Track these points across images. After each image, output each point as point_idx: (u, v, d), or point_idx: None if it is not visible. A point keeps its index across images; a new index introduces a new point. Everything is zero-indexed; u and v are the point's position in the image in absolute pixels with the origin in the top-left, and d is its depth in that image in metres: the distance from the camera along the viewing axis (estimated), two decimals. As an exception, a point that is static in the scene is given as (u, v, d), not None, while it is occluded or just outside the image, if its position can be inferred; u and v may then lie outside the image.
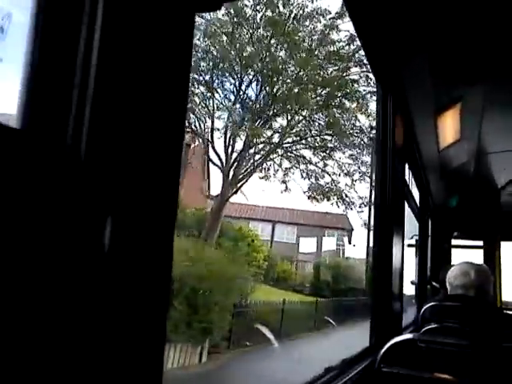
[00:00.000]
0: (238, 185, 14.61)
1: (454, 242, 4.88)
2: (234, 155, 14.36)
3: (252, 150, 14.53)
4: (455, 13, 1.78)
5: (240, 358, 9.03)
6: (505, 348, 1.75)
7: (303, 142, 14.84)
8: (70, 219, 0.48)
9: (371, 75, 12.20)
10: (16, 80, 0.45)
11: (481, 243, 5.00)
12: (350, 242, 25.58)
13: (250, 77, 14.24)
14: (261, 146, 14.52)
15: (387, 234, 2.29)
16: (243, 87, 14.36)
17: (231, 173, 14.27)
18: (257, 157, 14.74)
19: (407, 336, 1.86)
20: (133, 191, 0.56)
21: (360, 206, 15.16)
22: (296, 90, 13.55)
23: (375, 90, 2.33)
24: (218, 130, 14.36)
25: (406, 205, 3.06)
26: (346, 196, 14.94)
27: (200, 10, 0.69)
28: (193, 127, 14.12)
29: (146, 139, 0.58)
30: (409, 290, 3.70)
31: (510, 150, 3.19)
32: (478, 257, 4.77)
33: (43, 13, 0.47)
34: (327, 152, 14.81)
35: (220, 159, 14.43)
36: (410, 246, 3.90)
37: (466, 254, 4.90)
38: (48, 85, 0.47)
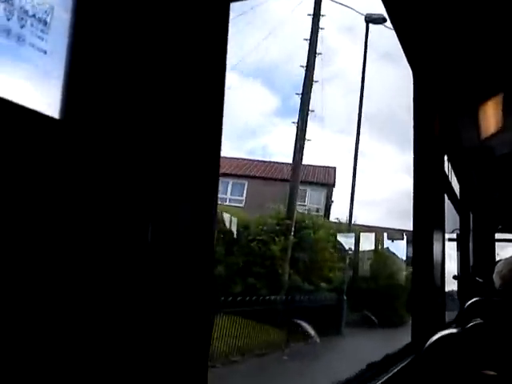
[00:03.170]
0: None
1: (498, 235, 4.69)
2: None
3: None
4: (494, 2, 1.72)
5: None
6: None
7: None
8: (113, 212, 0.49)
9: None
10: (57, 72, 0.46)
11: None
12: (329, 201, 18.13)
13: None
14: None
15: (427, 228, 2.24)
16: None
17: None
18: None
19: (450, 331, 1.81)
20: (174, 188, 0.57)
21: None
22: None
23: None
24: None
25: (446, 198, 2.97)
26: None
27: None
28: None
29: (185, 132, 0.59)
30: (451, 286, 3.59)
31: None
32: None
33: (83, 7, 0.48)
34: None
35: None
36: (450, 240, 3.78)
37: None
38: (89, 78, 0.48)
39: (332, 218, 16.50)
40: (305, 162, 16.58)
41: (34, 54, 0.44)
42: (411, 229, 2.29)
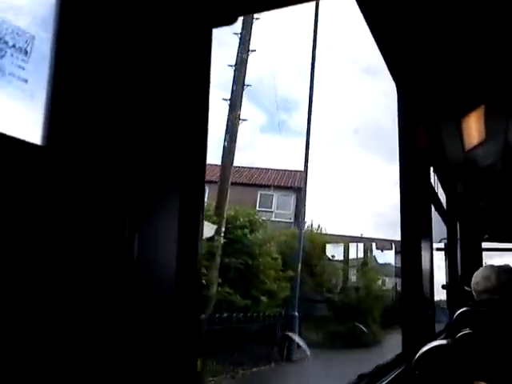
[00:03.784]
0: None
1: (484, 244, 4.75)
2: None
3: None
4: (474, 15, 1.77)
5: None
6: None
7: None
8: (99, 234, 0.50)
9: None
10: (38, 100, 0.46)
11: None
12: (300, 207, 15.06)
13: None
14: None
15: (415, 239, 2.26)
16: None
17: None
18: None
19: (441, 342, 1.82)
20: (157, 206, 0.58)
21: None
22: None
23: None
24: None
25: (433, 208, 3.01)
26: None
27: (216, 25, 0.70)
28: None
29: (169, 157, 0.60)
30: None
31: None
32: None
33: (65, 33, 0.49)
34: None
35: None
36: (438, 249, 3.82)
37: (500, 257, 4.75)
38: (70, 103, 0.48)
39: (308, 225, 14.27)
40: (272, 166, 15.93)
41: (15, 83, 0.44)
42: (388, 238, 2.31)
